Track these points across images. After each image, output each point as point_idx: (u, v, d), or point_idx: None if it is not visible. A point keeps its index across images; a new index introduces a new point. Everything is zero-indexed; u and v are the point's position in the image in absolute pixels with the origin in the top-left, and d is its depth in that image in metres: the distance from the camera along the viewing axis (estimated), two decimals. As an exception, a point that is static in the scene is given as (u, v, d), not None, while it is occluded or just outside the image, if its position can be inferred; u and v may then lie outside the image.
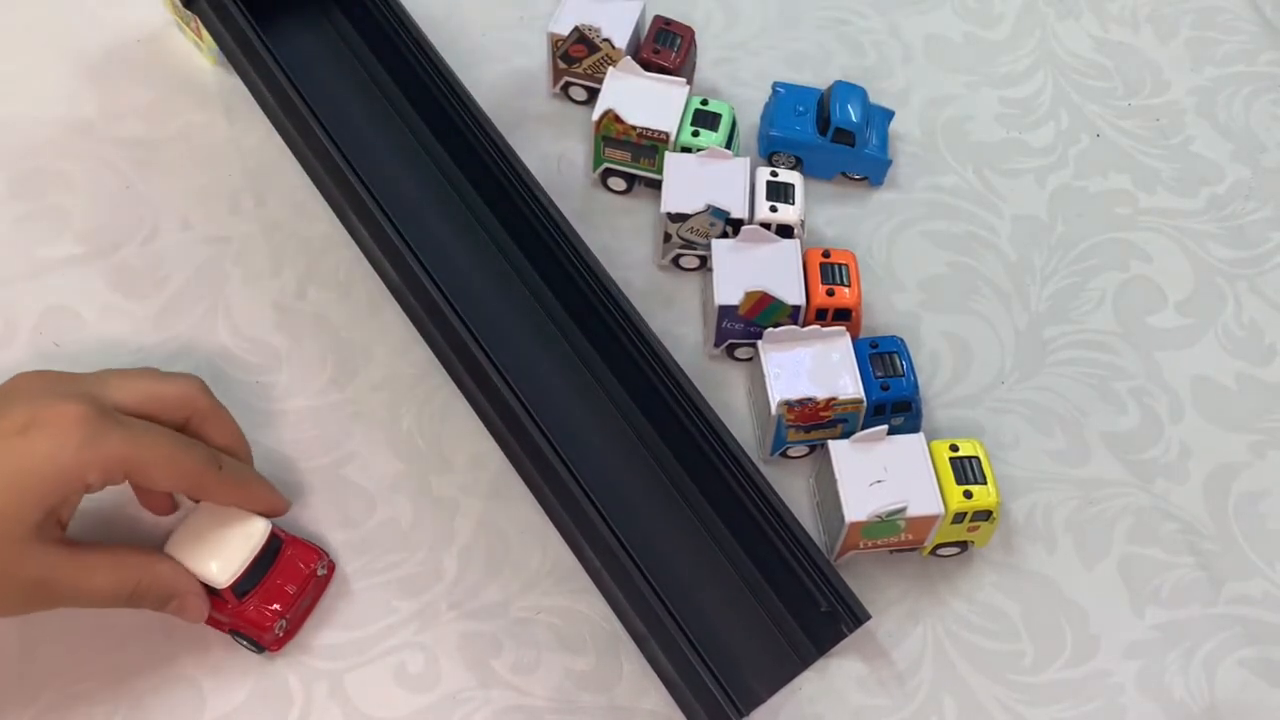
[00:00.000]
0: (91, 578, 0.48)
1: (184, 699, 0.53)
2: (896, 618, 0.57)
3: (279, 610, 0.52)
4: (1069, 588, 0.58)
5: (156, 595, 0.50)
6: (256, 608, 0.52)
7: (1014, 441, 0.62)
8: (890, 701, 0.55)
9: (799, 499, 0.59)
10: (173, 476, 0.49)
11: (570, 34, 0.68)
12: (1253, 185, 0.72)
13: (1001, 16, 0.79)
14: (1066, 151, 0.73)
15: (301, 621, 0.54)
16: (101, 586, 0.49)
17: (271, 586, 0.53)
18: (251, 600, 0.52)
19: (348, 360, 0.62)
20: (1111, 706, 0.55)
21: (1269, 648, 0.57)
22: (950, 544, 0.57)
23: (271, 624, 0.52)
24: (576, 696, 0.54)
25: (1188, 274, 0.69)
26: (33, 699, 0.52)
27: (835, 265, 0.61)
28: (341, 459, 0.59)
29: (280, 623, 0.52)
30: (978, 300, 0.67)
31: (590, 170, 0.69)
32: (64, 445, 0.46)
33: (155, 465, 0.48)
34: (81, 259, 0.64)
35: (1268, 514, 0.61)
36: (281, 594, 0.53)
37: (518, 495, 0.58)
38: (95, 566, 0.49)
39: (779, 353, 0.59)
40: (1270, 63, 0.78)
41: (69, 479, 0.47)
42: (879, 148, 0.69)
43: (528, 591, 0.56)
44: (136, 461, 0.48)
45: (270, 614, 0.52)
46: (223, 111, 0.70)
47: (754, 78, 0.74)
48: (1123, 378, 0.65)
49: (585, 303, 0.61)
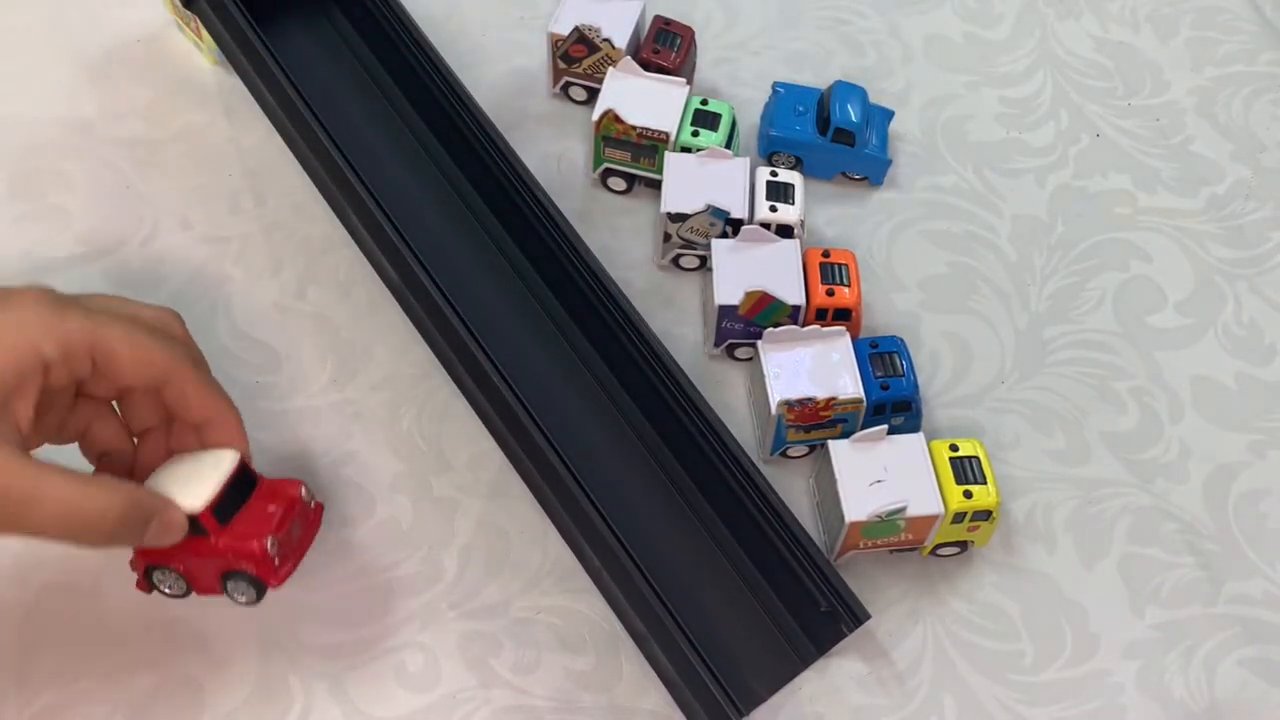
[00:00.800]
0: (49, 492, 0.42)
1: (184, 699, 0.53)
2: (896, 617, 0.57)
3: (267, 529, 0.50)
4: (1069, 587, 0.58)
5: (130, 517, 0.45)
6: (243, 532, 0.49)
7: (1014, 441, 0.62)
8: (890, 701, 0.55)
9: (799, 499, 0.59)
10: (140, 364, 0.45)
11: (570, 34, 0.68)
12: (1253, 185, 0.72)
13: (1001, 16, 0.79)
14: (1066, 151, 0.73)
15: (298, 556, 0.52)
16: (60, 496, 0.42)
17: (254, 512, 0.50)
18: (235, 526, 0.49)
19: (348, 360, 0.62)
20: (1111, 706, 0.55)
21: (1269, 647, 0.57)
22: (950, 544, 0.57)
23: (262, 545, 0.49)
24: (576, 696, 0.54)
25: (1188, 274, 0.69)
26: (33, 699, 0.52)
27: (835, 265, 0.61)
28: (341, 459, 0.59)
29: (270, 541, 0.49)
30: (978, 300, 0.67)
31: (590, 170, 0.69)
32: (21, 318, 0.43)
33: (121, 348, 0.45)
34: (81, 259, 0.64)
35: (1268, 514, 0.61)
36: (265, 517, 0.50)
37: (518, 495, 0.59)
38: (55, 482, 0.42)
39: (779, 352, 0.59)
40: (1270, 63, 0.78)
41: (24, 352, 0.43)
42: (879, 148, 0.69)
43: (528, 591, 0.56)
44: (100, 341, 0.44)
45: (258, 535, 0.49)
46: (222, 111, 0.70)
47: (754, 78, 0.74)
48: (1123, 377, 0.65)
49: (585, 303, 0.61)
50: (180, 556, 0.50)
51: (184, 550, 0.49)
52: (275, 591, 0.55)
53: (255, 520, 0.50)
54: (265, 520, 0.50)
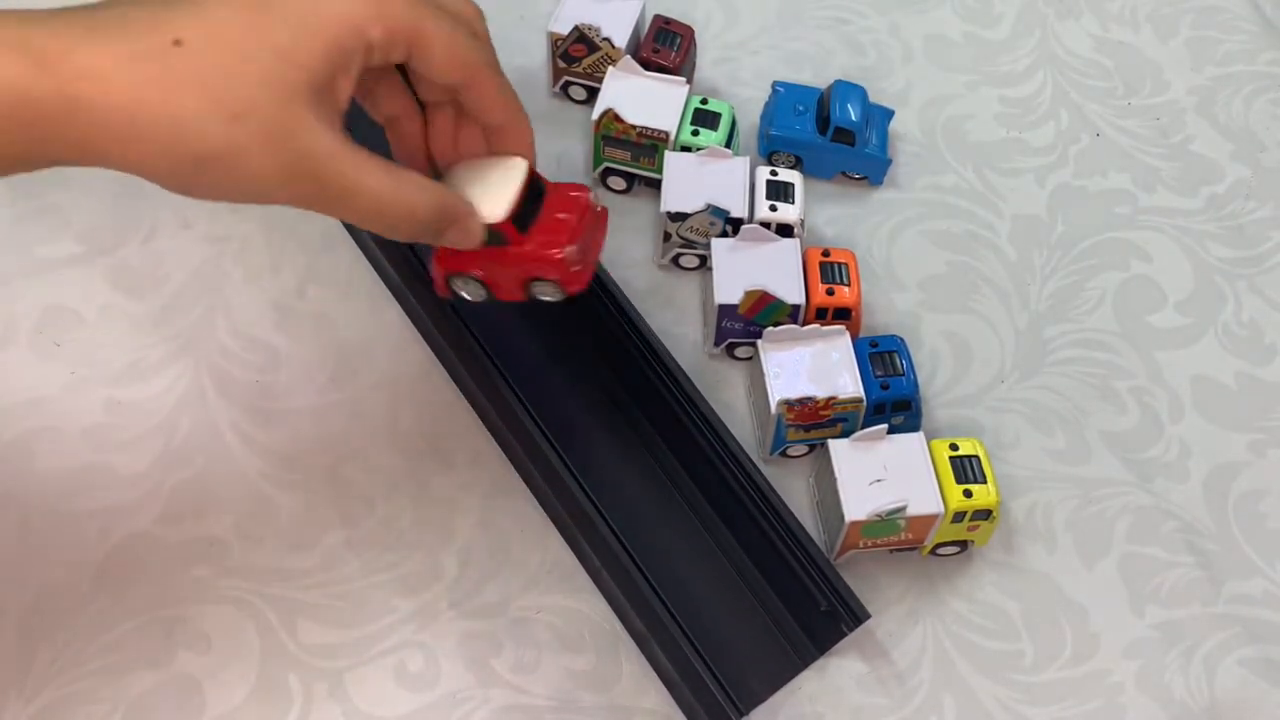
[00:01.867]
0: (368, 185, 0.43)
1: (184, 699, 0.53)
2: (896, 617, 0.57)
3: (564, 238, 0.49)
4: (1069, 587, 0.58)
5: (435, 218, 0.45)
6: (543, 240, 0.49)
7: (1014, 441, 0.62)
8: (890, 700, 0.55)
9: (799, 499, 0.59)
10: (451, 61, 0.45)
11: (570, 33, 0.68)
12: (1252, 184, 0.72)
13: (1001, 16, 0.79)
14: (1066, 151, 0.73)
15: (594, 258, 0.52)
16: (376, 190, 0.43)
17: (549, 220, 0.50)
18: (535, 234, 0.49)
19: (348, 360, 0.62)
20: (1111, 706, 0.55)
21: (1269, 647, 0.57)
22: (950, 543, 0.57)
23: (561, 250, 0.49)
24: (576, 696, 0.54)
25: (1187, 273, 0.69)
26: (32, 698, 0.52)
27: (835, 264, 0.61)
28: (341, 458, 0.59)
29: (571, 249, 0.49)
30: (978, 299, 0.67)
31: (590, 169, 0.69)
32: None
33: (438, 41, 0.44)
34: (81, 258, 0.64)
35: (1268, 513, 0.61)
36: (560, 225, 0.49)
37: (518, 495, 0.59)
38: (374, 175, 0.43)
39: (779, 352, 0.59)
40: (1270, 62, 0.78)
41: (354, 29, 0.41)
42: (879, 147, 0.69)
43: (528, 591, 0.56)
44: (420, 32, 0.43)
45: (557, 243, 0.49)
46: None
47: (754, 77, 0.74)
48: (1123, 377, 0.65)
49: (585, 302, 0.61)
50: (481, 263, 0.50)
51: (484, 258, 0.49)
52: (275, 591, 0.55)
53: (552, 229, 0.49)
54: (561, 228, 0.49)
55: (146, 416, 0.59)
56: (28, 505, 0.57)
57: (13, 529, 0.56)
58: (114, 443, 0.59)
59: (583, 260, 0.50)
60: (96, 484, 0.57)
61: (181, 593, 0.55)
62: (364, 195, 0.43)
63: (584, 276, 0.50)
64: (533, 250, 0.49)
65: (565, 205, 0.50)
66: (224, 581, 0.55)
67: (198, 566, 0.56)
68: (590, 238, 0.51)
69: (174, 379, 0.61)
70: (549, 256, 0.49)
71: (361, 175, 0.42)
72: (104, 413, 0.59)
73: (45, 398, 0.60)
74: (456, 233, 0.47)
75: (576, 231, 0.49)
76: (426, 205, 0.45)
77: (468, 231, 0.47)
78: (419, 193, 0.45)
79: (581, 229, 0.50)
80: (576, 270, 0.50)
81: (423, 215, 0.45)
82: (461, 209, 0.47)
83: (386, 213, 0.44)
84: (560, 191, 0.51)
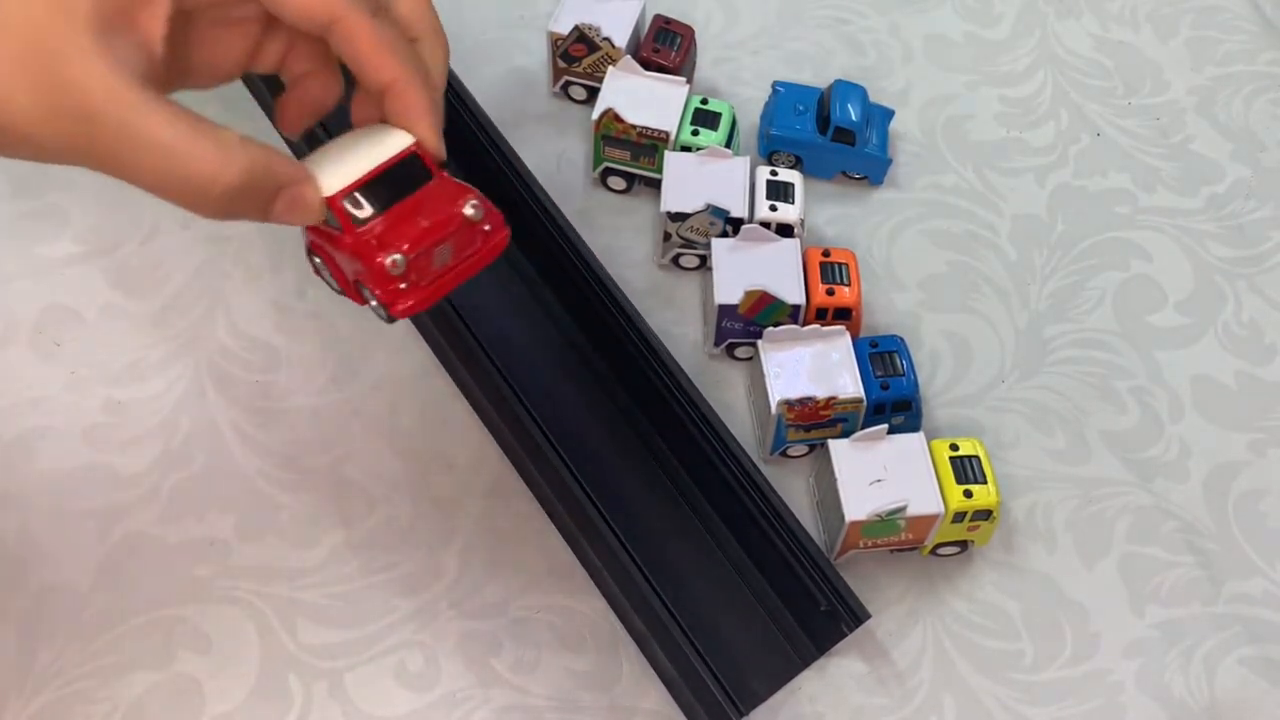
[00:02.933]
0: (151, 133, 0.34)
1: (184, 699, 0.53)
2: (896, 617, 0.57)
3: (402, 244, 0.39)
4: (1069, 587, 0.58)
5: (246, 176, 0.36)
6: (375, 239, 0.40)
7: (1014, 440, 0.62)
8: (890, 700, 0.55)
9: (799, 499, 0.59)
10: None
11: (570, 33, 0.68)
12: (1253, 184, 0.72)
13: (1001, 16, 0.78)
14: (1066, 150, 0.73)
15: (441, 287, 0.41)
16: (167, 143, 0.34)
17: (402, 217, 0.40)
18: (373, 228, 0.40)
19: (348, 360, 0.62)
20: (1111, 705, 0.55)
21: (1269, 646, 0.57)
22: (950, 543, 0.57)
23: (385, 255, 0.39)
24: (576, 696, 0.54)
25: (1188, 273, 0.69)
26: (32, 698, 0.52)
27: (835, 264, 0.61)
28: (341, 458, 0.59)
29: (394, 258, 0.39)
30: (978, 299, 0.67)
31: (590, 169, 0.69)
32: None
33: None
34: (81, 258, 0.64)
35: (1268, 513, 0.61)
36: (408, 228, 0.40)
37: (518, 495, 0.58)
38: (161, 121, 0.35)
39: (779, 352, 0.59)
40: (1270, 62, 0.78)
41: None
42: (879, 147, 0.69)
43: (528, 591, 0.56)
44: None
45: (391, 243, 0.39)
46: (222, 110, 0.69)
47: (754, 77, 0.74)
48: (1123, 377, 0.65)
49: (585, 302, 0.61)
50: (321, 246, 0.42)
51: (326, 240, 0.41)
52: (275, 591, 0.55)
53: (396, 229, 0.40)
54: (404, 232, 0.40)
55: (146, 416, 0.59)
56: (28, 505, 0.57)
57: (13, 529, 0.56)
58: (114, 443, 0.59)
59: (416, 279, 0.40)
60: (96, 484, 0.57)
61: (181, 593, 0.55)
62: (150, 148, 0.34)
63: (411, 298, 0.40)
64: (353, 244, 0.40)
65: (437, 209, 0.41)
66: (224, 581, 0.55)
67: (198, 566, 0.56)
68: (448, 259, 0.41)
69: (174, 379, 0.61)
70: (368, 259, 0.40)
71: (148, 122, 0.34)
72: (104, 413, 0.59)
73: (45, 397, 0.60)
74: (285, 204, 0.38)
75: (422, 242, 0.40)
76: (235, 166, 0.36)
77: (299, 202, 0.38)
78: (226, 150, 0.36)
79: (432, 241, 0.40)
80: (400, 289, 0.40)
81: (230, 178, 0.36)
82: (286, 174, 0.38)
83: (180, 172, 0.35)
84: (449, 192, 0.41)
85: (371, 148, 0.40)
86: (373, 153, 0.40)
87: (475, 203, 0.41)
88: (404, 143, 0.41)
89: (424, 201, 0.41)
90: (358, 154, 0.40)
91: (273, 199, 0.38)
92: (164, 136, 0.35)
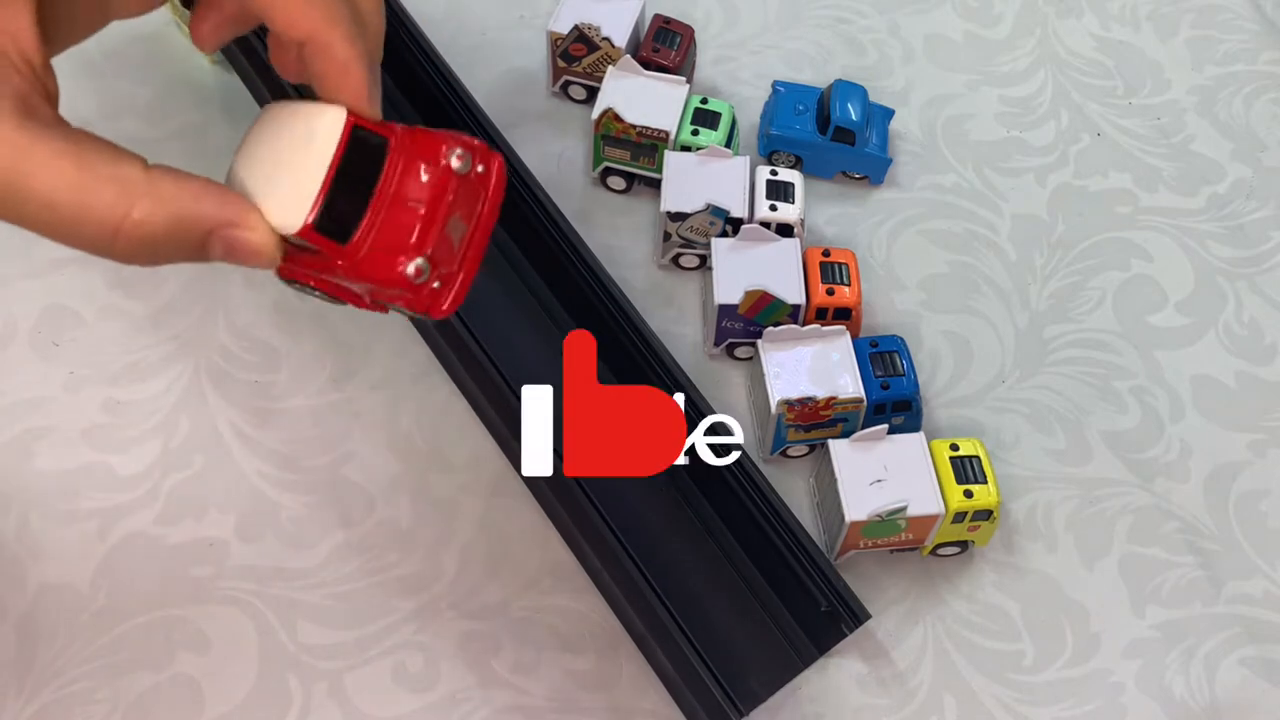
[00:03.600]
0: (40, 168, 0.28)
1: (184, 699, 0.53)
2: (897, 617, 0.57)
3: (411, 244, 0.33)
4: (1069, 587, 0.58)
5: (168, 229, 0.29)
6: (378, 243, 0.33)
7: (1014, 441, 0.62)
8: (890, 701, 0.55)
9: (799, 499, 0.59)
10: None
11: (570, 32, 0.68)
12: (1253, 184, 0.72)
13: (1001, 16, 0.78)
14: (1067, 150, 0.73)
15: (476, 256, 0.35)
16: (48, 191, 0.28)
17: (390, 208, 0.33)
18: (366, 235, 0.33)
19: (347, 359, 0.62)
20: (1112, 706, 0.55)
21: (1269, 647, 0.57)
22: (950, 543, 0.57)
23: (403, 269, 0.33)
24: (576, 696, 0.54)
25: (1188, 273, 0.69)
26: (31, 698, 0.52)
27: (835, 264, 0.61)
28: (341, 458, 0.59)
29: (415, 264, 0.33)
30: (978, 299, 0.67)
31: (590, 169, 0.69)
32: None
33: None
34: (81, 259, 0.63)
35: (1268, 513, 0.61)
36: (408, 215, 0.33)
37: (518, 495, 0.58)
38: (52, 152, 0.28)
39: (779, 352, 0.59)
40: (1271, 62, 0.78)
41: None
42: (879, 146, 0.69)
43: (528, 591, 0.56)
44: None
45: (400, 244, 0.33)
46: (221, 110, 0.69)
47: (754, 76, 0.74)
48: (1123, 377, 0.65)
49: (585, 302, 0.61)
50: (308, 271, 0.35)
51: (312, 267, 0.34)
52: (274, 591, 0.55)
53: (393, 224, 0.33)
54: (406, 222, 0.33)
55: (146, 417, 0.59)
56: (27, 505, 0.57)
57: (12, 529, 0.56)
58: (113, 443, 0.59)
59: (443, 269, 0.34)
60: (96, 484, 0.57)
61: (181, 593, 0.55)
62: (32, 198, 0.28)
63: (449, 293, 0.35)
64: (351, 264, 0.33)
65: (415, 178, 0.33)
66: (223, 582, 0.55)
67: (197, 566, 0.56)
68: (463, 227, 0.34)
69: (173, 379, 0.60)
70: (381, 275, 0.34)
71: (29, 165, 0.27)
72: (103, 413, 0.59)
73: (45, 398, 0.60)
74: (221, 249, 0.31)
75: (430, 228, 0.33)
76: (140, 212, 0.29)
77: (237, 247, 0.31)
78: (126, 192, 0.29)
79: (440, 219, 0.34)
80: (434, 289, 0.35)
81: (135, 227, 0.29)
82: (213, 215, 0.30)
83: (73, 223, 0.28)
84: (414, 148, 0.34)
85: (304, 140, 0.33)
86: (310, 148, 0.33)
87: (459, 151, 0.34)
88: (338, 122, 0.33)
89: (402, 177, 0.33)
90: (293, 153, 0.33)
91: (201, 244, 0.31)
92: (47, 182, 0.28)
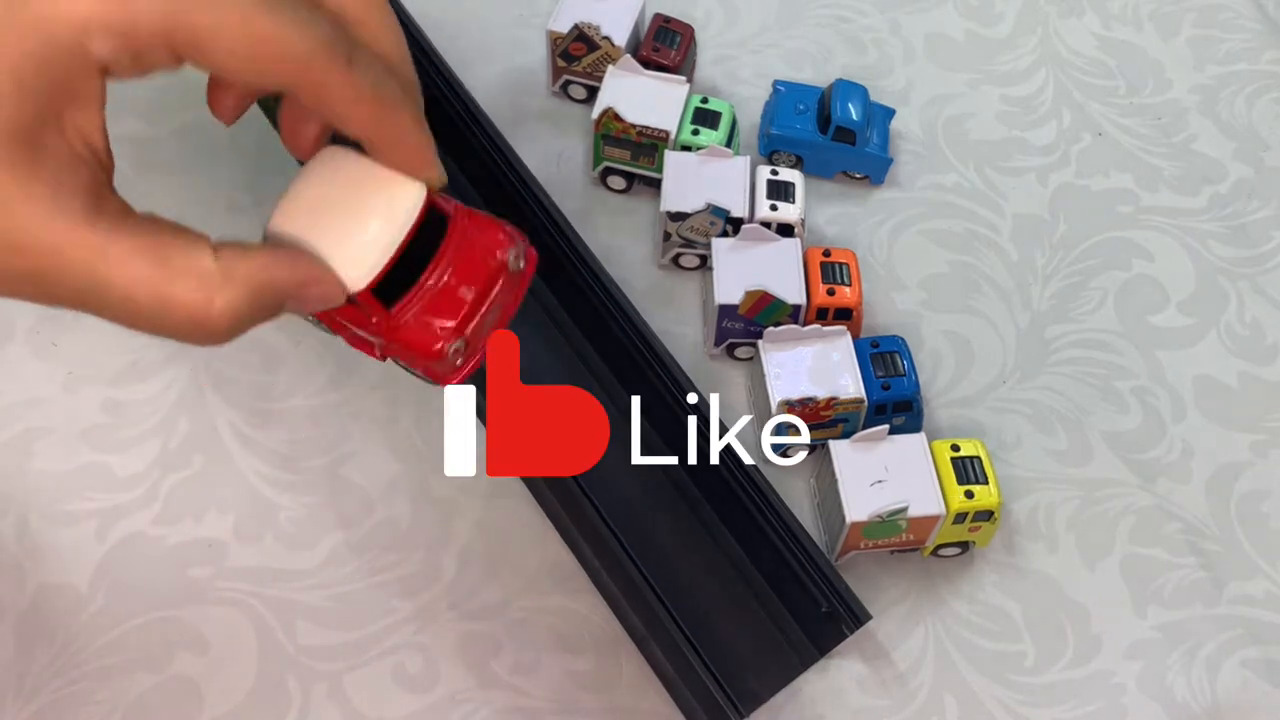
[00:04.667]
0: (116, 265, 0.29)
1: (184, 699, 0.52)
2: (897, 618, 0.57)
3: (452, 327, 0.34)
4: (1071, 588, 0.58)
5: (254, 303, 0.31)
6: (420, 318, 0.34)
7: (1015, 441, 0.62)
8: (891, 702, 0.55)
9: (799, 499, 0.59)
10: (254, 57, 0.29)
11: (570, 32, 0.67)
12: (1255, 184, 0.72)
13: (1002, 15, 0.78)
14: (1068, 150, 0.73)
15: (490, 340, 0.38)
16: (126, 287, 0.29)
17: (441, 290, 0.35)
18: (412, 306, 0.34)
19: (346, 359, 0.62)
20: (1113, 707, 0.55)
21: (1271, 648, 0.57)
22: (951, 544, 0.57)
23: (442, 347, 0.34)
24: (576, 697, 0.54)
25: (1190, 273, 0.68)
26: (31, 698, 0.52)
27: (836, 264, 0.61)
28: (340, 458, 0.59)
29: (456, 344, 0.35)
30: (979, 299, 0.67)
31: (590, 169, 0.69)
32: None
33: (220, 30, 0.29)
34: (80, 258, 0.64)
35: (1270, 514, 0.61)
36: (456, 300, 0.34)
37: (518, 495, 0.58)
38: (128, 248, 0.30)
39: (779, 352, 0.58)
40: (1273, 61, 0.77)
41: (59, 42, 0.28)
42: (880, 146, 0.69)
43: (527, 591, 0.56)
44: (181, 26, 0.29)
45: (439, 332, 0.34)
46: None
47: (754, 76, 0.74)
48: (1125, 377, 0.65)
49: (585, 302, 0.61)
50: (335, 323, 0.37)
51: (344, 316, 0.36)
52: (273, 592, 0.55)
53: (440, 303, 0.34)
54: (454, 305, 0.34)
55: (145, 417, 0.59)
56: (26, 505, 0.57)
57: (11, 529, 0.56)
58: (112, 443, 0.58)
59: (472, 352, 0.36)
60: (95, 484, 0.57)
61: (180, 594, 0.55)
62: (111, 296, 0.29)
63: (465, 370, 0.37)
64: (391, 329, 0.35)
65: (472, 263, 0.35)
66: (222, 582, 0.55)
67: (196, 567, 0.56)
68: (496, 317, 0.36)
69: (172, 379, 0.60)
70: (419, 346, 0.35)
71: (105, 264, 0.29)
72: (102, 413, 0.59)
73: (43, 397, 0.59)
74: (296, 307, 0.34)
75: (472, 316, 0.35)
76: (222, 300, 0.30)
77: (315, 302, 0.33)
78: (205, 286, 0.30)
79: (482, 309, 0.35)
80: (457, 366, 0.36)
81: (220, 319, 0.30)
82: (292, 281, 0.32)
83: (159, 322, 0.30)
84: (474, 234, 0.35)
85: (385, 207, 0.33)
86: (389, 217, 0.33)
87: (515, 250, 0.36)
88: (419, 199, 0.34)
89: (456, 260, 0.35)
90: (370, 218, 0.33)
91: (278, 308, 0.33)
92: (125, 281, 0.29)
